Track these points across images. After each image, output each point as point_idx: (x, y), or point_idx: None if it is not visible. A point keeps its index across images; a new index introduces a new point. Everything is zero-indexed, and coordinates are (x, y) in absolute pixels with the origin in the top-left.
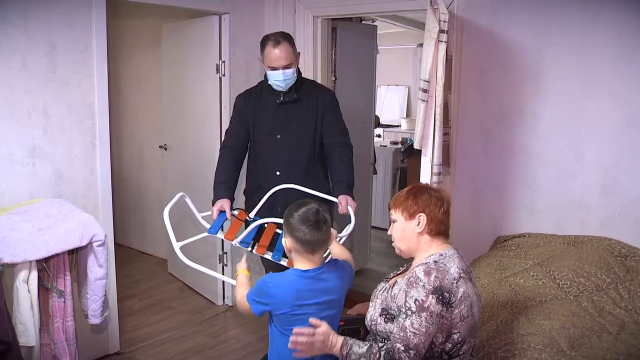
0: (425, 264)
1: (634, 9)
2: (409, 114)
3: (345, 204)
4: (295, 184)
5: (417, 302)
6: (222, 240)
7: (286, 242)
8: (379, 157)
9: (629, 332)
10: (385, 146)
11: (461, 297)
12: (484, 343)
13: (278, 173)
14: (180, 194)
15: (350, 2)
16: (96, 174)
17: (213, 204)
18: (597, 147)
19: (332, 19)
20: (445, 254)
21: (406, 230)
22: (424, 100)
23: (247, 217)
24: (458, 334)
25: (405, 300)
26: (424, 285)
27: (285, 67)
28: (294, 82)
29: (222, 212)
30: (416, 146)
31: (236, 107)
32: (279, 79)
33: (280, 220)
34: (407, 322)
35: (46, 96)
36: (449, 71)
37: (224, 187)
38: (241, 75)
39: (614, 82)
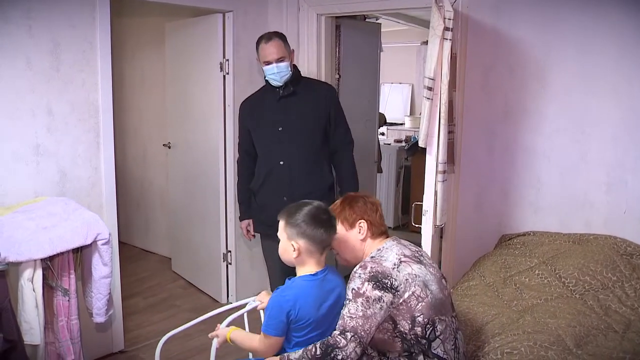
0: (363, 261)
1: (638, 8)
2: (412, 111)
3: None
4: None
5: (353, 291)
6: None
7: (296, 245)
8: (382, 155)
9: (635, 330)
10: (389, 144)
11: (407, 279)
12: (489, 340)
13: (282, 162)
14: None
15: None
16: (100, 172)
17: (241, 219)
18: (602, 145)
19: (336, 17)
20: (384, 247)
21: (349, 240)
22: (428, 98)
23: None
24: (421, 315)
25: (346, 294)
26: (360, 276)
27: (278, 60)
28: (289, 75)
29: None
30: (421, 144)
31: (239, 118)
32: (274, 72)
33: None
34: (345, 310)
35: (50, 95)
36: (453, 69)
37: (246, 207)
38: (245, 73)
39: (618, 81)
